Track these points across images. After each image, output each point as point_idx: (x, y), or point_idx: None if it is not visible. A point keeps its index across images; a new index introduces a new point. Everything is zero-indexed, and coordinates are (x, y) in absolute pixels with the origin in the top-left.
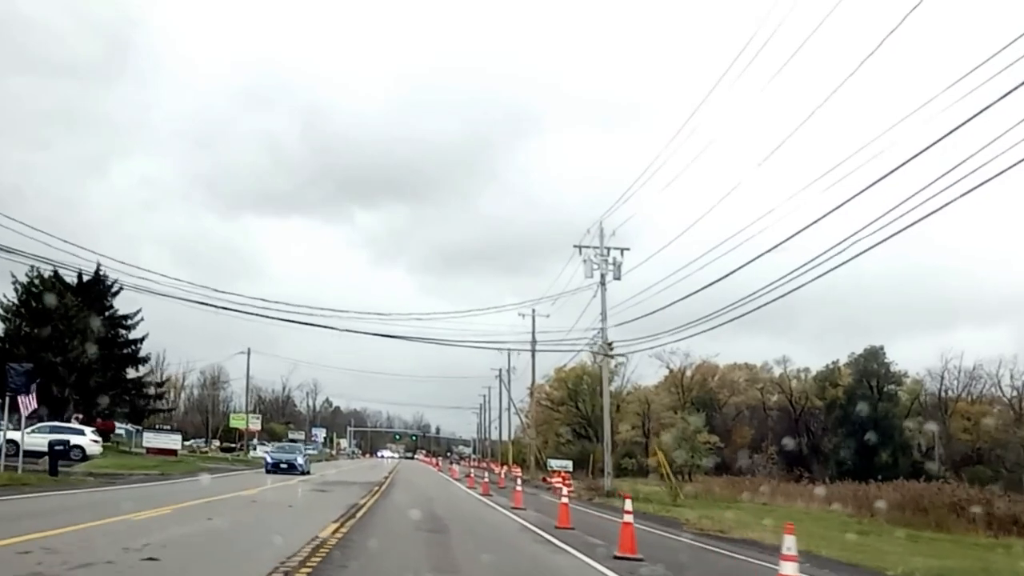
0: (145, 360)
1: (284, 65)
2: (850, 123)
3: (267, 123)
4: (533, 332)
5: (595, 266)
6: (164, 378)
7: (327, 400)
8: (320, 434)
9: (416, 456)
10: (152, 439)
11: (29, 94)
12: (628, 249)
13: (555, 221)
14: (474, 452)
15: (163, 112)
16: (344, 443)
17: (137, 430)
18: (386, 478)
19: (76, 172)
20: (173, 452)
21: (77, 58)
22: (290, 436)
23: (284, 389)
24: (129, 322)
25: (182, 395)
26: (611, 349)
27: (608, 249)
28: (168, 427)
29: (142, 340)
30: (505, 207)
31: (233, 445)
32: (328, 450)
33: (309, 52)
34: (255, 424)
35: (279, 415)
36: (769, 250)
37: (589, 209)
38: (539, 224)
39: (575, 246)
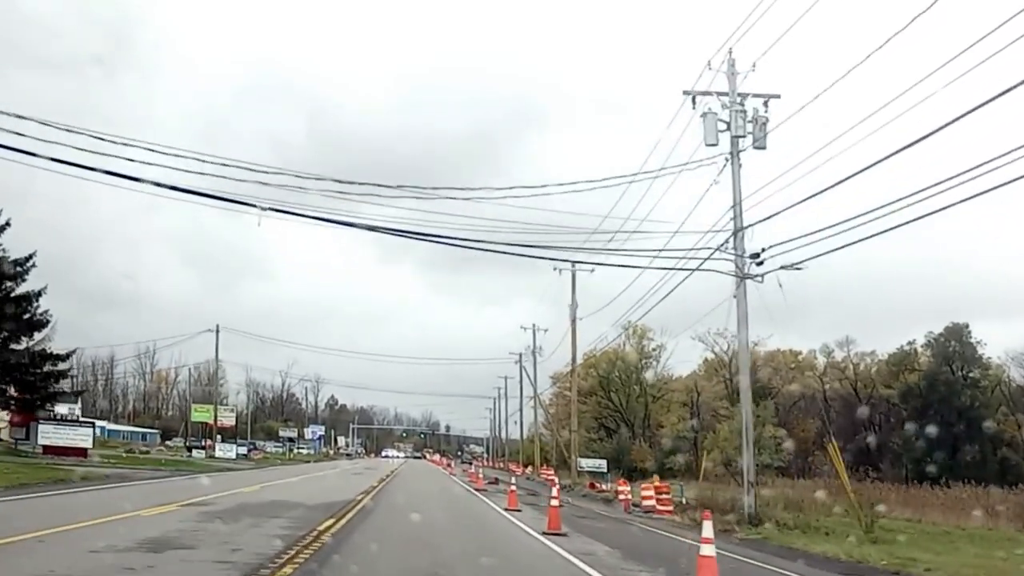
0: (42, 325)
1: (285, 64)
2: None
3: (270, 121)
4: (573, 283)
5: (722, 125)
6: (69, 352)
7: (332, 397)
8: (317, 431)
9: (424, 455)
10: (52, 434)
11: (31, 92)
12: (777, 97)
13: (563, 218)
14: (486, 451)
15: (165, 110)
16: (342, 441)
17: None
18: (366, 493)
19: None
20: (82, 452)
21: (78, 56)
22: (281, 434)
23: (284, 384)
24: (18, 269)
25: (174, 392)
26: (758, 262)
27: (742, 98)
28: (75, 417)
29: (38, 295)
30: (510, 204)
31: (198, 443)
32: (325, 449)
33: (310, 51)
34: (229, 419)
35: (278, 412)
36: None
37: (594, 206)
38: (547, 221)
39: (685, 92)
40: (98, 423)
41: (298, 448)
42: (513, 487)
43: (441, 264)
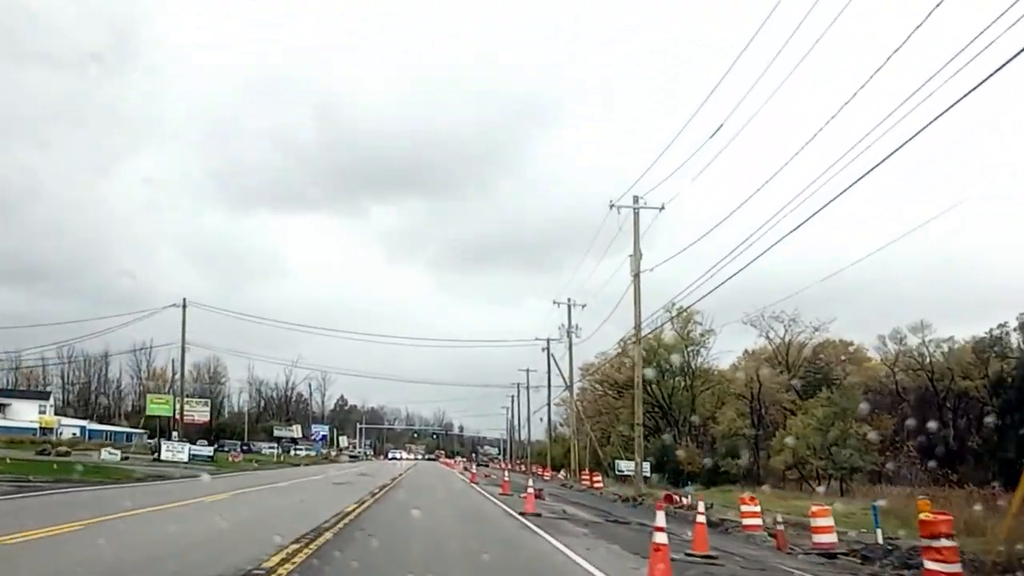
0: None
1: (295, 60)
2: None
3: (279, 119)
4: (636, 225)
5: None
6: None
7: (341, 397)
8: (320, 431)
9: (438, 457)
10: None
11: (34, 88)
12: None
13: (574, 215)
14: (501, 453)
15: (172, 107)
16: (345, 441)
17: None
18: (303, 544)
19: (85, 171)
20: None
21: (83, 53)
22: (276, 433)
23: (288, 381)
24: None
25: (171, 391)
26: None
27: None
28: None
29: None
30: (523, 200)
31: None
32: (324, 450)
33: (317, 47)
34: (202, 414)
35: (282, 412)
36: None
37: (609, 201)
38: (558, 218)
39: None
40: (79, 422)
41: (295, 450)
42: (660, 543)
43: (450, 264)
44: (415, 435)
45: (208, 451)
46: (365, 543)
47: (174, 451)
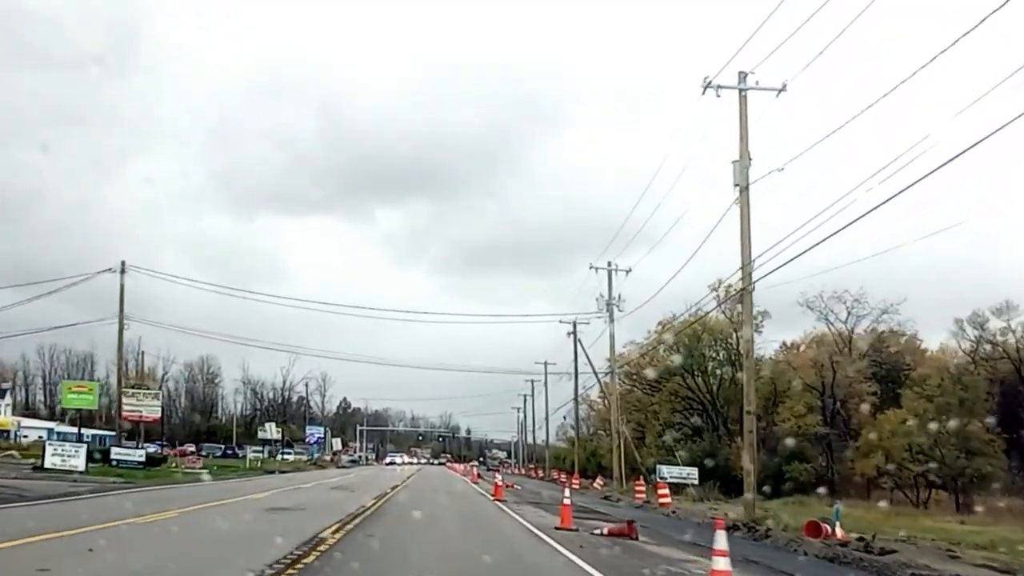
0: None
1: (299, 61)
2: None
3: (281, 120)
4: (743, 110)
5: None
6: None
7: (344, 400)
8: (315, 434)
9: (444, 462)
10: None
11: (37, 91)
12: None
13: (581, 217)
14: (511, 457)
15: (175, 108)
16: (337, 443)
17: None
18: None
19: (86, 172)
20: None
21: (84, 54)
22: (260, 435)
23: (285, 383)
24: None
25: (162, 391)
26: None
27: None
28: None
29: None
30: (529, 203)
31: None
32: (317, 454)
33: (321, 47)
34: (151, 409)
35: (279, 414)
36: None
37: (616, 204)
38: (565, 220)
39: None
40: (46, 424)
41: (283, 454)
42: None
43: (455, 267)
44: (420, 438)
45: (139, 455)
46: None
47: (65, 455)
